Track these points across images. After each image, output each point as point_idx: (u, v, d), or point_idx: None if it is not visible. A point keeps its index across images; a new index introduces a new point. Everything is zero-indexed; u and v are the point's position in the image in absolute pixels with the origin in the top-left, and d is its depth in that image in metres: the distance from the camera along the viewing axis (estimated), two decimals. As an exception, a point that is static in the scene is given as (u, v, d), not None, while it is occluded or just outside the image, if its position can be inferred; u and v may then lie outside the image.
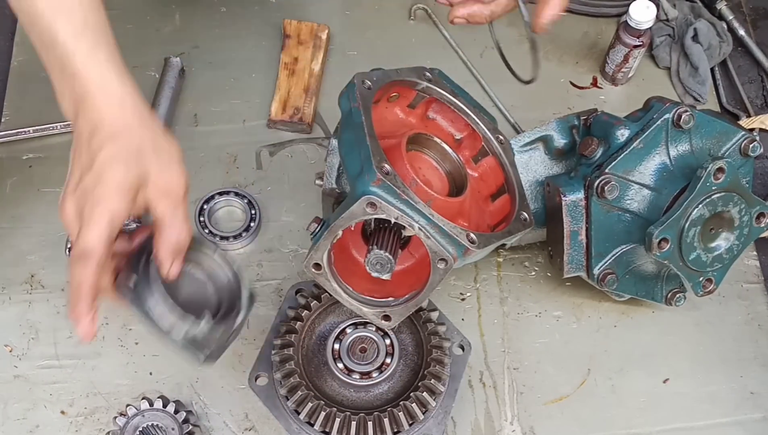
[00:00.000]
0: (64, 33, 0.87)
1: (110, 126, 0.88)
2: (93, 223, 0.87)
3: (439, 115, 1.22)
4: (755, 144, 1.22)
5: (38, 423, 1.19)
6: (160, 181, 0.90)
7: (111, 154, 0.87)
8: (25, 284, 1.29)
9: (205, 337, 0.94)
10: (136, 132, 0.89)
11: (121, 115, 0.89)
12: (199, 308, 0.96)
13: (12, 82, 1.47)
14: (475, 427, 1.23)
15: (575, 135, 1.27)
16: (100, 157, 0.87)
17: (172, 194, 0.91)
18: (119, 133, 0.88)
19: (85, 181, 0.88)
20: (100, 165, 0.87)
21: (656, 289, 1.27)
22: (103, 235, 0.87)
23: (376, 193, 0.97)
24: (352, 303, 1.08)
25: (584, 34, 1.62)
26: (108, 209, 0.87)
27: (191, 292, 0.99)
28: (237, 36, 1.55)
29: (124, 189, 0.88)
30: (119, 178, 0.87)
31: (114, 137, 0.88)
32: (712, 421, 1.26)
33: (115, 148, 0.87)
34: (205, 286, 1.01)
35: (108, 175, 0.87)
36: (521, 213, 1.15)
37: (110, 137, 0.88)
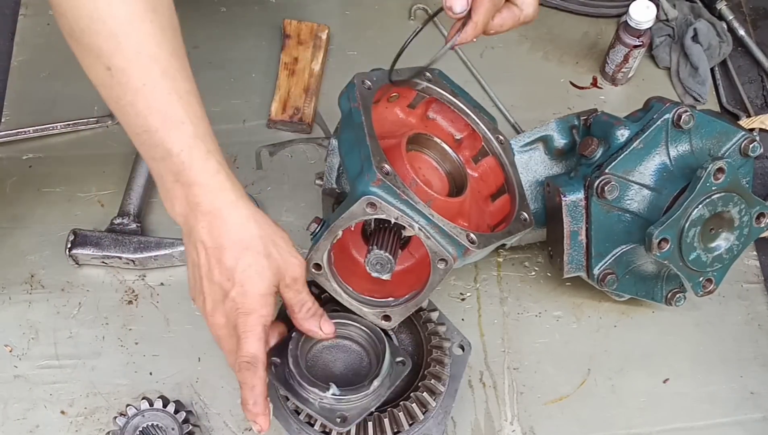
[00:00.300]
0: (179, 145, 0.93)
1: (240, 240, 0.96)
2: (251, 333, 0.97)
3: (439, 115, 1.22)
4: (755, 144, 1.22)
5: (38, 423, 1.19)
6: (287, 274, 0.99)
7: (248, 265, 0.96)
8: (25, 284, 1.30)
9: (336, 405, 1.03)
10: (260, 239, 0.97)
11: (246, 227, 0.96)
12: (355, 377, 1.08)
13: (12, 82, 1.47)
14: (475, 427, 1.23)
15: (575, 135, 1.27)
16: (238, 271, 0.95)
17: (299, 280, 1.01)
18: (250, 245, 0.96)
19: (231, 295, 0.96)
20: (240, 279, 0.95)
21: (656, 289, 1.27)
22: (261, 341, 0.97)
23: (376, 193, 0.97)
24: (352, 303, 1.08)
25: (584, 34, 1.62)
26: (260, 316, 0.97)
27: (348, 363, 1.10)
28: (237, 36, 1.55)
29: (268, 295, 0.97)
30: (262, 287, 0.96)
31: (246, 249, 0.96)
32: (712, 421, 1.26)
33: (250, 260, 0.96)
34: (360, 356, 1.10)
35: (251, 287, 0.96)
36: (521, 213, 1.15)
37: (243, 250, 0.96)
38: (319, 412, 1.03)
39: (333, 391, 1.02)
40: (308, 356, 1.08)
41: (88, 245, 1.27)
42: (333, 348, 1.10)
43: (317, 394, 1.02)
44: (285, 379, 1.04)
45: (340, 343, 1.10)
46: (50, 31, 1.53)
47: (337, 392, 1.02)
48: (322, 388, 1.02)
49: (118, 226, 1.31)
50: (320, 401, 1.03)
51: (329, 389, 1.02)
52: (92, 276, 1.31)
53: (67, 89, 1.46)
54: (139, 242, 1.28)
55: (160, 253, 1.28)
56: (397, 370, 1.07)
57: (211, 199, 0.95)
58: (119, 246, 1.28)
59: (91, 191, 1.38)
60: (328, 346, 1.09)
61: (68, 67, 1.49)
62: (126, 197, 1.34)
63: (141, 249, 1.28)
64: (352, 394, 1.02)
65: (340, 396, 1.02)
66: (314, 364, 1.08)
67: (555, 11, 1.65)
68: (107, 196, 1.37)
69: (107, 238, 1.28)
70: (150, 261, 1.29)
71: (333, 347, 1.10)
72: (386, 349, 1.06)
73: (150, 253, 1.28)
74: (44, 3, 1.56)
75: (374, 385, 1.03)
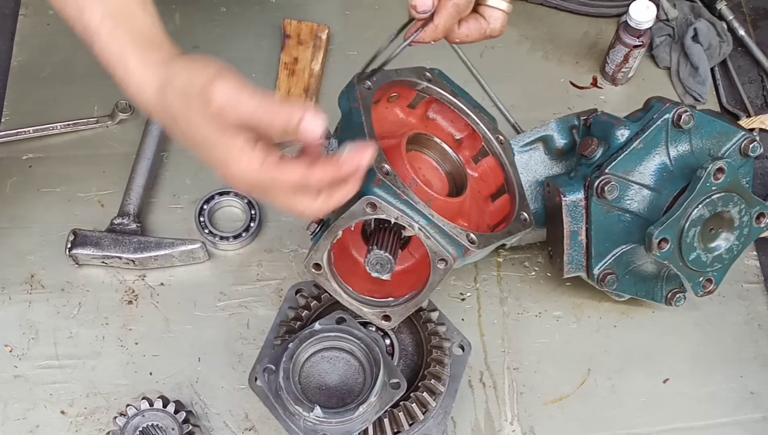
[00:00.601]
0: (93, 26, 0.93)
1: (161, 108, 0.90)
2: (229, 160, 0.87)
3: (439, 115, 1.22)
4: (755, 144, 1.22)
5: (38, 423, 1.19)
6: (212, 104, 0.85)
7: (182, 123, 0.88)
8: (25, 284, 1.29)
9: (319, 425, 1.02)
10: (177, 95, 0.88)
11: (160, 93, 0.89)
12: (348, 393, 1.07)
13: (12, 82, 1.47)
14: (475, 427, 1.23)
15: (575, 135, 1.27)
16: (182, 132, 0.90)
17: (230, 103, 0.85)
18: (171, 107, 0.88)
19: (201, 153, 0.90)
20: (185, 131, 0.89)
21: (656, 289, 1.27)
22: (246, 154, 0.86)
23: (376, 193, 0.97)
24: (352, 303, 1.08)
25: (584, 34, 1.62)
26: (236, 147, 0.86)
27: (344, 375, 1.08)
28: (237, 36, 1.55)
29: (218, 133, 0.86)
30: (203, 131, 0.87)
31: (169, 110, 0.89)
32: (712, 421, 1.26)
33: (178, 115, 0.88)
34: (356, 370, 1.09)
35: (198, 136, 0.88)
36: (521, 213, 1.15)
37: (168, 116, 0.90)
38: (302, 429, 1.02)
39: (317, 413, 1.00)
40: (305, 364, 1.07)
41: (88, 245, 1.27)
42: (331, 359, 1.08)
43: (301, 413, 1.02)
44: (275, 390, 1.04)
45: (339, 356, 1.08)
46: (50, 31, 1.53)
47: (321, 414, 1.01)
48: (306, 407, 1.01)
49: (118, 226, 1.31)
50: (304, 420, 1.02)
51: (313, 410, 1.00)
52: (92, 276, 1.31)
53: (67, 89, 1.46)
54: (139, 242, 1.29)
55: (160, 253, 1.28)
56: (389, 393, 1.05)
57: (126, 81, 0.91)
58: (119, 246, 1.28)
59: (91, 191, 1.38)
60: (326, 356, 1.08)
61: (68, 67, 1.49)
62: (126, 197, 1.34)
63: (141, 249, 1.28)
64: (336, 417, 1.01)
65: (324, 418, 1.01)
66: (310, 372, 1.07)
67: (555, 11, 1.65)
68: (107, 196, 1.37)
69: (107, 238, 1.28)
70: (150, 261, 1.29)
71: (331, 359, 1.08)
72: (380, 372, 1.04)
73: (150, 253, 1.28)
74: (44, 3, 1.56)
75: (359, 410, 1.02)
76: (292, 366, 1.04)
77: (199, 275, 1.32)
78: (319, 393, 1.07)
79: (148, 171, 1.36)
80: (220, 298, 1.30)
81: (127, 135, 1.43)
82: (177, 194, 1.39)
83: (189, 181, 1.40)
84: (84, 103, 1.45)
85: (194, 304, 1.29)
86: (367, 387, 1.05)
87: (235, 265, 1.33)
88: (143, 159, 1.37)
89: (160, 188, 1.39)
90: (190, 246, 1.29)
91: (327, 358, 1.08)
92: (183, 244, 1.29)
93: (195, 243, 1.29)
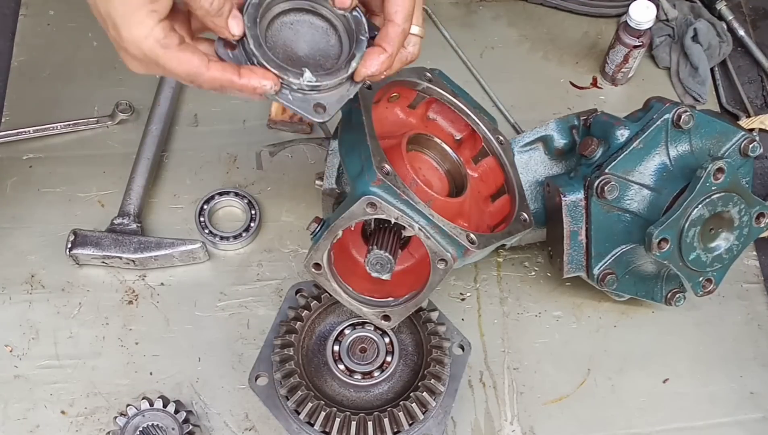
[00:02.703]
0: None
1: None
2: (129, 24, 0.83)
3: (440, 116, 1.22)
4: (755, 144, 1.22)
5: (38, 423, 1.19)
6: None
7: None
8: (25, 284, 1.30)
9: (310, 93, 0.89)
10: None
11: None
12: (324, 60, 0.91)
13: (12, 82, 1.47)
14: (475, 427, 1.23)
15: (575, 135, 1.27)
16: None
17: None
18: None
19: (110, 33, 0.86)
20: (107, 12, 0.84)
21: (656, 289, 1.27)
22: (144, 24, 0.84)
23: (376, 193, 0.97)
24: (352, 303, 1.08)
25: (584, 34, 1.63)
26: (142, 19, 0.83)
27: (313, 42, 0.93)
28: (237, 36, 1.55)
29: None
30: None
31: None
32: (712, 421, 1.26)
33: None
34: (326, 33, 0.93)
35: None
36: (521, 213, 1.15)
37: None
38: (291, 102, 0.89)
39: (307, 78, 0.88)
40: (266, 36, 0.91)
41: (88, 245, 1.27)
42: (294, 24, 0.93)
43: (289, 81, 0.88)
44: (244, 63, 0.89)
45: (302, 19, 0.93)
46: (50, 31, 1.53)
47: (313, 79, 0.88)
48: (294, 73, 0.88)
49: (118, 226, 1.31)
50: (291, 90, 0.89)
51: (303, 74, 0.88)
52: (92, 276, 1.31)
53: (67, 89, 1.47)
54: (139, 242, 1.29)
55: (160, 253, 1.28)
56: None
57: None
58: (119, 246, 1.28)
59: (91, 191, 1.38)
60: (287, 22, 0.92)
61: (68, 67, 1.49)
62: (126, 197, 1.34)
63: (141, 249, 1.28)
64: (328, 79, 0.89)
65: (316, 82, 0.88)
66: (273, 45, 0.91)
67: (555, 11, 1.65)
68: (107, 196, 1.37)
69: (107, 238, 1.28)
70: (150, 261, 1.29)
71: (294, 23, 0.93)
72: (361, 22, 0.91)
73: (150, 253, 1.28)
74: (44, 3, 1.57)
75: (352, 66, 0.90)
76: (258, 31, 0.89)
77: (199, 275, 1.32)
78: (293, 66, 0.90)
79: (148, 171, 1.36)
80: (220, 298, 1.30)
81: (127, 135, 1.43)
82: (177, 194, 1.39)
83: (189, 181, 1.40)
84: (84, 103, 1.45)
85: (194, 304, 1.29)
86: (346, 45, 0.92)
87: (235, 265, 1.34)
88: (143, 159, 1.37)
89: (160, 188, 1.39)
90: (190, 246, 1.29)
91: (287, 25, 0.93)
92: (183, 244, 1.29)
93: (195, 243, 1.29)
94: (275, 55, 0.90)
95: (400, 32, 0.91)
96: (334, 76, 0.90)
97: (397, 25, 0.91)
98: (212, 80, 0.87)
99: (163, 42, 0.84)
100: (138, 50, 0.85)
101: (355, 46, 0.91)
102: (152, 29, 0.83)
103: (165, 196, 1.39)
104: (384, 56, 0.91)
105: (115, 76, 1.47)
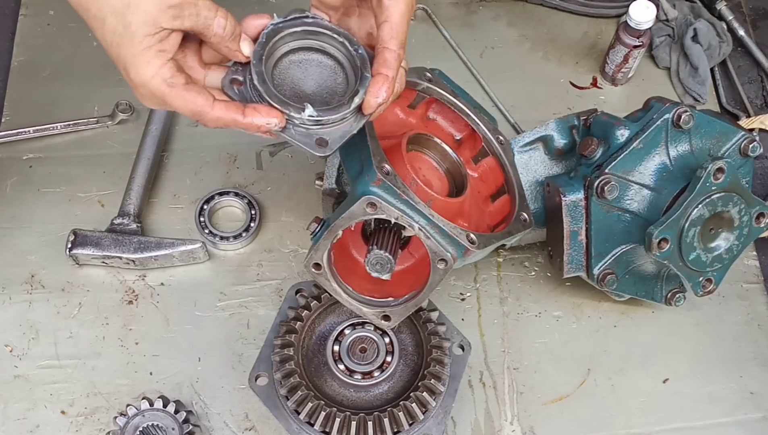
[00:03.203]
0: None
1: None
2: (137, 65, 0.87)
3: (440, 116, 1.22)
4: (755, 144, 1.22)
5: (38, 423, 1.19)
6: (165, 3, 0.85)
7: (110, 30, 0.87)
8: (25, 284, 1.30)
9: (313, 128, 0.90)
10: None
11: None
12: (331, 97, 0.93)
13: (12, 82, 1.47)
14: (475, 427, 1.23)
15: (575, 135, 1.27)
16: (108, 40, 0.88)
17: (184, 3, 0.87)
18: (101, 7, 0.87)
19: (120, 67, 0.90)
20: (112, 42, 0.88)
21: (656, 289, 1.27)
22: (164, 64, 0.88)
23: (376, 193, 0.97)
24: (352, 303, 1.08)
25: (584, 34, 1.63)
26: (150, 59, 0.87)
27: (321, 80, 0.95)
28: (237, 36, 1.55)
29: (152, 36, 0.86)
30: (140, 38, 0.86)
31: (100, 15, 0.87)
32: (712, 421, 1.26)
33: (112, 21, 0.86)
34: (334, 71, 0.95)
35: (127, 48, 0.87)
36: (521, 213, 1.15)
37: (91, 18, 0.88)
38: (294, 137, 0.90)
39: (309, 112, 0.89)
40: (273, 74, 0.94)
41: (88, 245, 1.27)
42: (302, 63, 0.95)
43: (291, 116, 0.89)
44: (250, 100, 0.92)
45: (311, 57, 0.95)
46: (50, 31, 1.53)
47: (314, 113, 0.89)
48: (296, 108, 0.89)
49: (118, 226, 1.31)
50: (295, 125, 0.90)
51: (305, 110, 0.89)
52: (92, 276, 1.31)
53: (67, 89, 1.46)
54: (139, 242, 1.29)
55: (160, 253, 1.28)
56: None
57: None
58: (119, 246, 1.28)
59: (91, 191, 1.38)
60: (296, 61, 0.95)
61: (68, 67, 1.49)
62: (126, 197, 1.34)
63: (141, 249, 1.28)
64: (330, 114, 0.90)
65: (318, 117, 0.90)
66: (281, 82, 0.94)
67: (555, 11, 1.65)
68: (107, 196, 1.37)
69: (107, 238, 1.28)
70: (150, 261, 1.29)
71: (302, 62, 0.95)
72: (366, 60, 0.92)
73: (150, 253, 1.28)
74: (44, 3, 1.57)
75: (355, 102, 0.91)
76: (264, 69, 0.91)
77: (199, 275, 1.32)
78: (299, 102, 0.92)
79: (148, 171, 1.36)
80: (220, 298, 1.30)
81: (127, 135, 1.43)
82: (177, 194, 1.39)
83: (189, 181, 1.40)
84: (84, 103, 1.45)
85: (194, 304, 1.29)
86: (352, 82, 0.94)
87: (235, 265, 1.34)
88: (143, 159, 1.37)
89: (160, 188, 1.39)
90: (190, 246, 1.29)
91: (296, 64, 0.95)
92: (183, 244, 1.29)
93: (195, 243, 1.29)
94: (282, 92, 0.92)
95: (397, 57, 0.93)
96: (337, 111, 0.91)
97: (393, 51, 0.93)
98: (216, 119, 0.90)
99: (169, 81, 0.88)
100: (146, 89, 0.89)
101: (359, 83, 0.93)
102: (159, 69, 0.87)
103: (165, 196, 1.39)
104: (387, 83, 0.93)
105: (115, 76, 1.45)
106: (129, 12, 0.84)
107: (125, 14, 0.84)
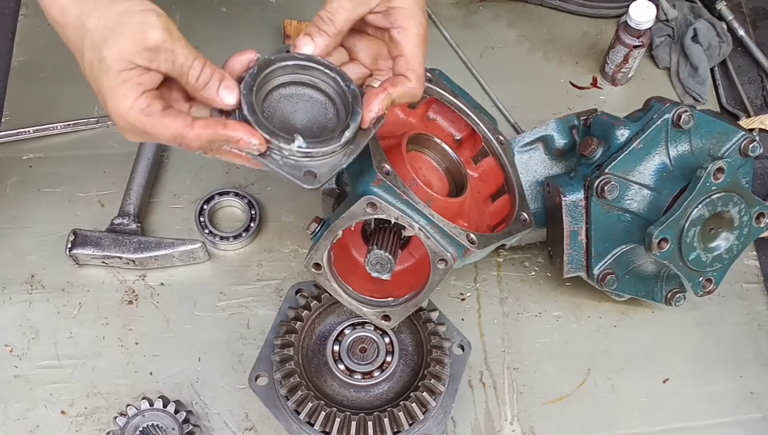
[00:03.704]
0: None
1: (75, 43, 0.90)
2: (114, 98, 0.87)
3: (440, 116, 1.22)
4: (755, 144, 1.22)
5: (38, 423, 1.19)
6: (140, 46, 0.86)
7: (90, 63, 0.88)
8: (25, 284, 1.30)
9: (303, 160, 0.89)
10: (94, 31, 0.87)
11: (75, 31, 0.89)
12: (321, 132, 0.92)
13: (12, 82, 1.47)
14: (475, 427, 1.23)
15: (575, 135, 1.27)
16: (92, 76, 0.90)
17: (160, 49, 0.87)
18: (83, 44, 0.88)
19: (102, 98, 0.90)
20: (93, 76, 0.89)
21: (656, 289, 1.27)
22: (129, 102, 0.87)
23: (376, 193, 0.97)
24: (352, 303, 1.08)
25: (584, 34, 1.63)
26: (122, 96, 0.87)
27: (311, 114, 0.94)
28: (237, 36, 1.55)
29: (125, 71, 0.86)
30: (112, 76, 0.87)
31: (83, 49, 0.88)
32: (712, 421, 1.26)
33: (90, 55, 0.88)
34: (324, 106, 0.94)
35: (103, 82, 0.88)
36: (521, 213, 1.15)
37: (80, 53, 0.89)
38: (282, 168, 0.89)
39: (299, 144, 0.88)
40: (263, 107, 0.93)
41: (88, 245, 1.27)
42: (293, 97, 0.94)
43: (281, 147, 0.88)
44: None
45: (301, 92, 0.94)
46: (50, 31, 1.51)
47: (304, 145, 0.88)
48: (286, 139, 0.88)
49: (118, 226, 1.31)
50: (284, 156, 0.89)
51: (294, 141, 0.88)
52: (92, 276, 1.31)
53: (67, 89, 1.46)
54: (139, 242, 1.29)
55: (160, 253, 1.28)
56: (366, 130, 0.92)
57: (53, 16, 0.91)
58: (119, 246, 1.28)
59: (91, 191, 1.38)
60: (286, 95, 0.94)
61: (68, 67, 1.49)
62: (126, 197, 1.34)
63: (141, 249, 1.28)
64: (320, 147, 0.89)
65: (307, 149, 0.88)
66: (271, 115, 0.93)
67: (555, 12, 1.65)
68: (107, 196, 1.37)
69: (107, 238, 1.28)
70: (150, 261, 1.29)
71: (293, 96, 0.94)
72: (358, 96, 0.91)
73: (150, 253, 1.28)
74: (44, 3, 1.56)
75: (345, 136, 0.90)
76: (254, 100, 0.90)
77: (199, 275, 1.32)
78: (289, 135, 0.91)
79: (148, 171, 1.36)
80: (220, 298, 1.30)
81: (127, 135, 1.43)
82: (177, 194, 1.39)
83: (189, 181, 1.40)
84: (84, 103, 1.45)
85: (194, 304, 1.29)
86: (343, 118, 0.93)
87: (235, 265, 1.34)
88: (143, 159, 1.37)
89: (160, 188, 1.39)
90: (190, 246, 1.29)
91: (286, 97, 0.94)
92: (183, 244, 1.29)
93: (195, 243, 1.29)
94: (272, 124, 0.90)
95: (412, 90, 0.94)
96: (327, 144, 0.89)
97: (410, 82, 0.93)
98: (197, 136, 0.88)
99: (146, 110, 0.87)
100: (124, 121, 0.88)
101: (350, 118, 0.91)
102: (136, 100, 0.86)
103: (165, 196, 1.39)
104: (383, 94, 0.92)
105: (115, 76, 1.47)
106: (105, 47, 0.85)
107: (101, 48, 0.85)
